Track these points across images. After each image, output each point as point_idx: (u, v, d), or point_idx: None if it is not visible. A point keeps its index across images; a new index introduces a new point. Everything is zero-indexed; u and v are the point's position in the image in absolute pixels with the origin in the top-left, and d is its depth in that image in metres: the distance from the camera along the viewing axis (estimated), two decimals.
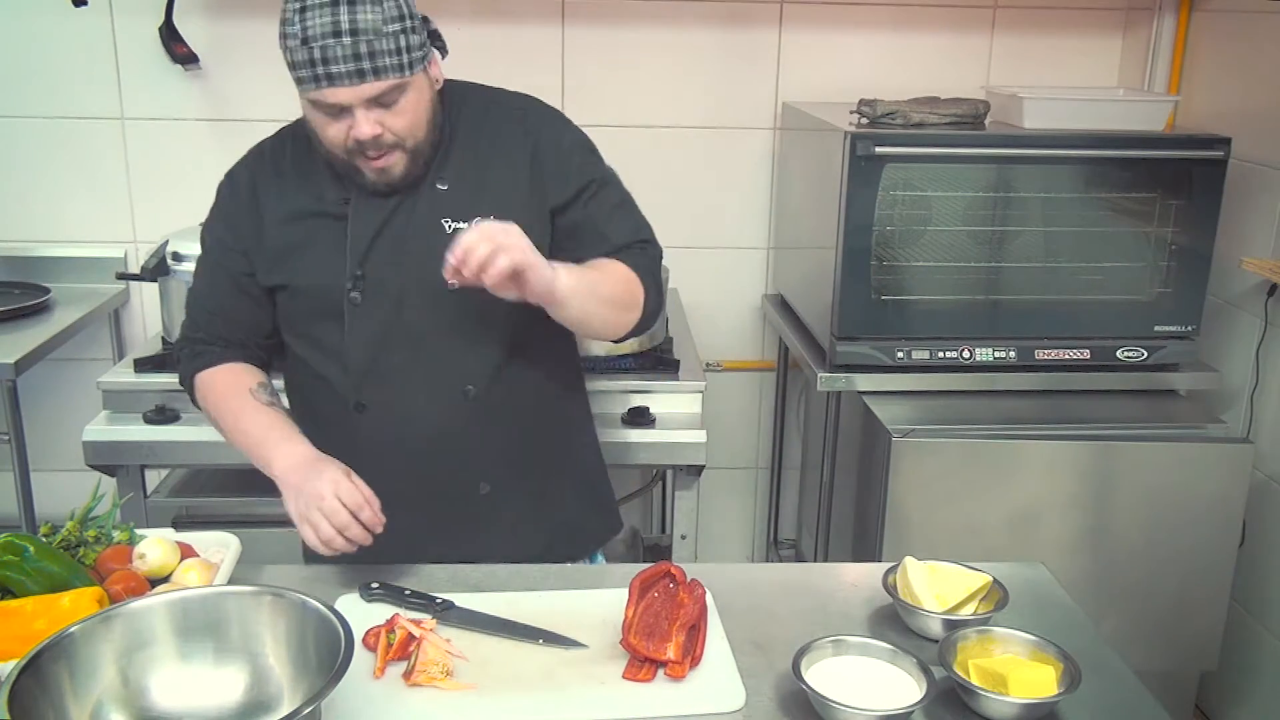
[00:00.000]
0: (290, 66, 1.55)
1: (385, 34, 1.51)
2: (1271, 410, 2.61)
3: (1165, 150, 2.55)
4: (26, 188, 3.05)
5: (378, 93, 1.54)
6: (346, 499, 1.50)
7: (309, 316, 1.72)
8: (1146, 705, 1.40)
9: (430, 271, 1.61)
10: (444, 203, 1.67)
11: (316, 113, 1.58)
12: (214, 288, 1.76)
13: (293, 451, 1.60)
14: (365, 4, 1.51)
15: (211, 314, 1.76)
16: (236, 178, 1.76)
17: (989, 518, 2.46)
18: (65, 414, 3.04)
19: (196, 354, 1.76)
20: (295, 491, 1.55)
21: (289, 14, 1.53)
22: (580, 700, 1.36)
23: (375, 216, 1.67)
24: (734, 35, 3.08)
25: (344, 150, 1.60)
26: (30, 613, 1.37)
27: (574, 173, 1.73)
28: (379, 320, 1.68)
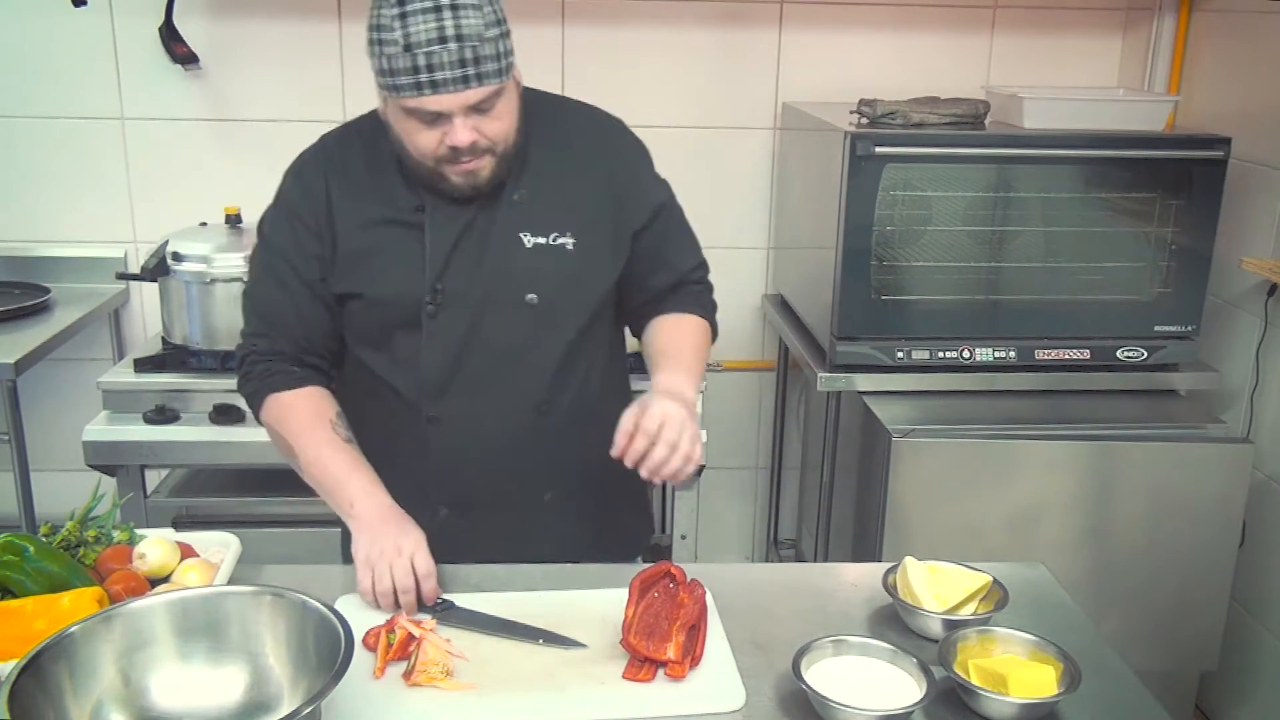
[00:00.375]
0: (384, 73, 1.49)
1: (488, 39, 1.48)
2: (1271, 410, 2.61)
3: (1165, 150, 2.55)
4: (26, 188, 3.05)
5: (480, 99, 1.50)
6: (420, 567, 1.52)
7: (383, 327, 1.68)
8: (1146, 705, 1.40)
9: (507, 286, 1.63)
10: (521, 215, 1.64)
11: (409, 120, 1.53)
12: (284, 293, 1.67)
13: (378, 500, 1.59)
14: (468, 9, 1.47)
15: (282, 322, 1.68)
16: (306, 177, 1.69)
17: (989, 518, 2.46)
18: (65, 414, 3.04)
19: (270, 372, 1.69)
20: (372, 538, 1.54)
21: (385, 19, 1.47)
22: (580, 700, 1.36)
23: (452, 227, 1.63)
24: (734, 35, 3.08)
25: (433, 157, 1.56)
26: (30, 613, 1.36)
27: (650, 195, 1.74)
28: (456, 334, 1.65)
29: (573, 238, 1.65)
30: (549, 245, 1.65)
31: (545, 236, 1.64)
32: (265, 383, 1.69)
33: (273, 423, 1.70)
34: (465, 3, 1.46)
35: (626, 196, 1.70)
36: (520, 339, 1.67)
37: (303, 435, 1.65)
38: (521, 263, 1.64)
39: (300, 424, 1.66)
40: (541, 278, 1.65)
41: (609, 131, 1.75)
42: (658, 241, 1.74)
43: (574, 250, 1.66)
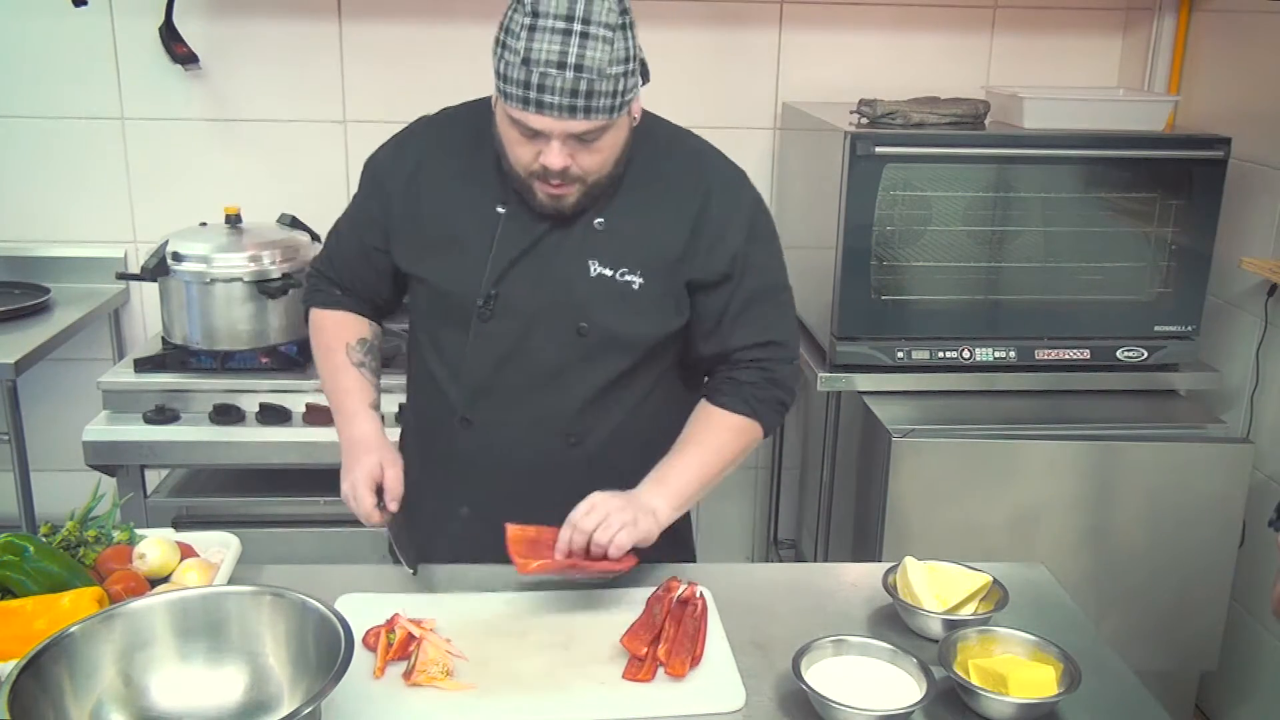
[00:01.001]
0: (499, 76, 1.48)
1: (608, 75, 1.45)
2: (1271, 410, 2.61)
3: (1165, 150, 2.55)
4: (26, 188, 3.05)
5: (583, 130, 1.48)
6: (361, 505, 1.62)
7: (437, 316, 1.69)
8: (1146, 705, 1.40)
9: (561, 309, 1.62)
10: (596, 243, 1.61)
11: (511, 127, 1.51)
12: (348, 240, 1.79)
13: (354, 428, 1.70)
14: (598, 41, 1.44)
15: (339, 260, 1.80)
16: (406, 147, 1.72)
17: (989, 518, 2.46)
18: (65, 414, 3.04)
19: (317, 289, 1.83)
20: (343, 470, 1.67)
21: (516, 25, 1.45)
22: (580, 700, 1.36)
23: (524, 237, 1.61)
24: (734, 35, 3.08)
25: (526, 169, 1.54)
26: (30, 613, 1.36)
27: (728, 254, 1.64)
28: (502, 343, 1.64)
29: (641, 278, 1.61)
30: (614, 279, 1.61)
31: (613, 270, 1.61)
32: (311, 297, 1.85)
33: (311, 336, 1.84)
34: (598, 33, 1.43)
35: (701, 247, 1.63)
36: (563, 364, 1.64)
37: (321, 353, 1.80)
38: (582, 289, 1.61)
39: (323, 342, 1.80)
40: (598, 309, 1.62)
41: (717, 178, 1.67)
42: (719, 307, 1.66)
43: (639, 291, 1.62)
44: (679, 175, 1.66)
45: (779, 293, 1.72)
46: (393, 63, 3.01)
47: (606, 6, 1.45)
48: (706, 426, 1.67)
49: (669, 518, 1.58)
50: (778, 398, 1.71)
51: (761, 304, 1.68)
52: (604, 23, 1.44)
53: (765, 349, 1.69)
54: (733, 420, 1.67)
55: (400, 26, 3.00)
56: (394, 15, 2.98)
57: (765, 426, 1.71)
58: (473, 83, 1.78)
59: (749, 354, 1.69)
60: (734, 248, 1.65)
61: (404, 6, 2.98)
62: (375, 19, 2.99)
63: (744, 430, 1.68)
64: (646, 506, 1.56)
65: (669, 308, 1.65)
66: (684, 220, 1.63)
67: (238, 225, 2.73)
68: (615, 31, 1.46)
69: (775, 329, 1.70)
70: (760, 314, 1.68)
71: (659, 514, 1.57)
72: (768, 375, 1.69)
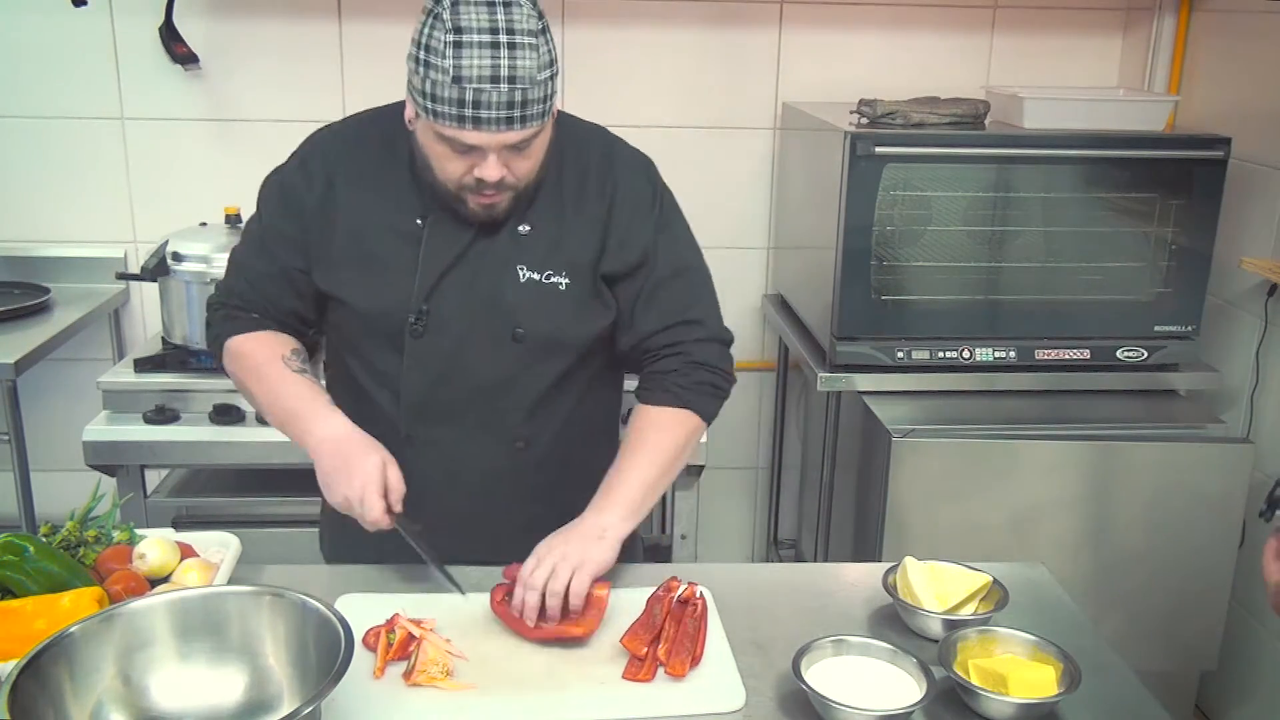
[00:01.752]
0: (425, 95, 1.45)
1: (538, 82, 1.44)
2: (1271, 410, 2.61)
3: (1165, 150, 2.55)
4: (26, 188, 3.05)
5: (518, 140, 1.47)
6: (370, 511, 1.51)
7: (364, 337, 1.66)
8: (1146, 705, 1.40)
9: (495, 317, 1.60)
10: (521, 248, 1.60)
11: (440, 144, 1.49)
12: (260, 264, 1.67)
13: (328, 427, 1.57)
14: (525, 49, 1.42)
15: (251, 286, 1.68)
16: (315, 161, 1.65)
17: (989, 518, 2.46)
18: (65, 414, 3.04)
19: (231, 318, 1.69)
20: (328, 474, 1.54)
21: (436, 42, 1.42)
22: (580, 700, 1.36)
23: (449, 249, 1.59)
24: (734, 35, 3.08)
25: (456, 183, 1.52)
26: (30, 613, 1.36)
27: (637, 246, 1.64)
28: (438, 358, 1.62)
29: (566, 278, 1.61)
30: (542, 283, 1.61)
31: (540, 273, 1.60)
32: (223, 328, 1.70)
33: (232, 367, 1.70)
34: (522, 41, 1.42)
35: (613, 243, 1.63)
36: (503, 373, 1.63)
37: (256, 373, 1.65)
38: (513, 296, 1.60)
39: (254, 363, 1.66)
40: (531, 314, 1.61)
41: (624, 172, 1.67)
42: (631, 296, 1.65)
43: (565, 291, 1.61)
44: (590, 172, 1.65)
45: (689, 273, 1.70)
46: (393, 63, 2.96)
47: (525, 13, 1.44)
48: (641, 429, 1.65)
49: (622, 531, 1.56)
50: (707, 380, 1.67)
51: (670, 286, 1.66)
52: (526, 29, 1.43)
53: (677, 330, 1.66)
54: (664, 415, 1.65)
55: (400, 26, 2.99)
56: (394, 15, 2.98)
57: (701, 414, 1.67)
58: None
59: (662, 338, 1.66)
60: (644, 239, 1.65)
61: (404, 6, 2.98)
62: (375, 19, 2.99)
63: (678, 423, 1.65)
64: (593, 531, 1.54)
65: (596, 305, 1.65)
66: (597, 217, 1.63)
67: (238, 225, 2.73)
68: (539, 37, 1.44)
69: (688, 309, 1.67)
70: (669, 296, 1.66)
71: (609, 532, 1.54)
72: (688, 359, 1.66)
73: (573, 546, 1.51)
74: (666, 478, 1.64)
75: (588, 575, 1.49)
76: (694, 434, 1.67)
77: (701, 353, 1.67)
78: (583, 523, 1.57)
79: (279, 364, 1.64)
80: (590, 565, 1.50)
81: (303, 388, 1.62)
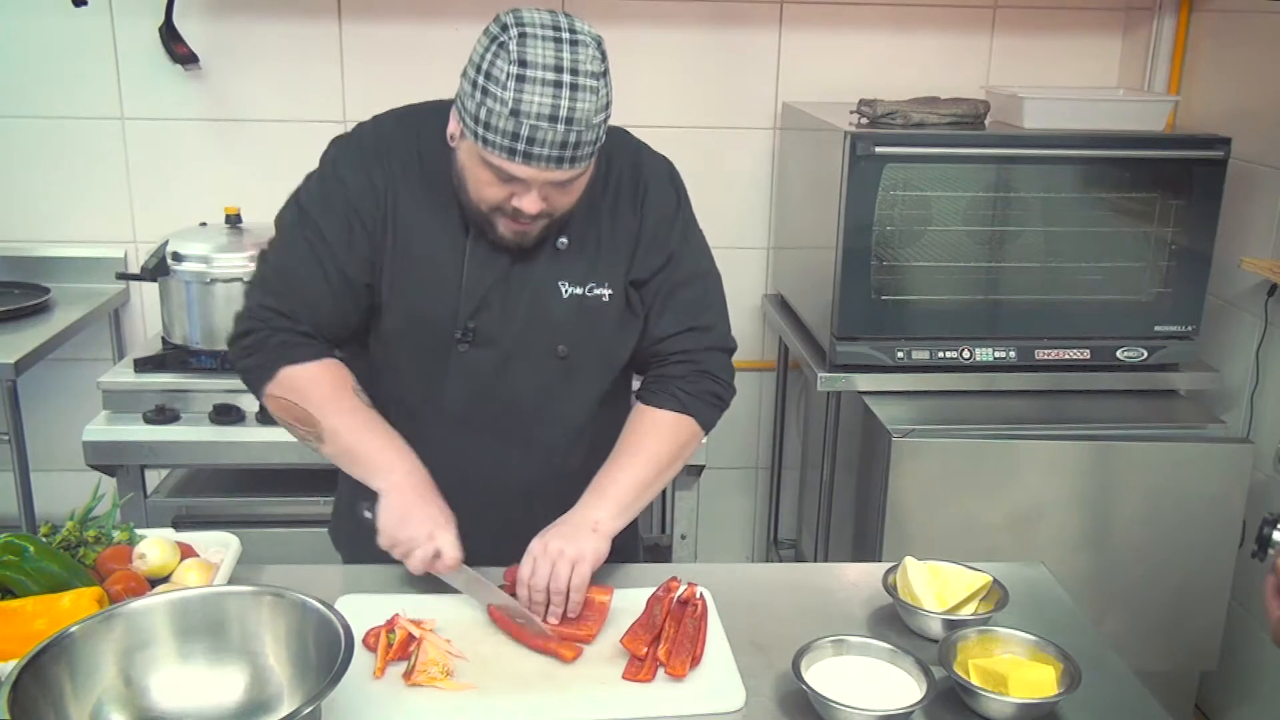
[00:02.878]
0: (478, 121, 1.41)
1: (593, 124, 1.42)
2: (1271, 410, 2.61)
3: (1165, 150, 2.55)
4: (26, 188, 3.05)
5: (566, 179, 1.46)
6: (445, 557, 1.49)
7: (410, 348, 1.63)
8: (1146, 705, 1.40)
9: (541, 333, 1.60)
10: (562, 264, 1.60)
11: (484, 170, 1.46)
12: (321, 278, 1.57)
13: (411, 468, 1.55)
14: (585, 91, 1.40)
15: (312, 304, 1.58)
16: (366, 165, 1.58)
17: (989, 518, 2.46)
18: (65, 414, 3.04)
19: (287, 344, 1.58)
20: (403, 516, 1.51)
21: (500, 73, 1.39)
22: (580, 700, 1.36)
23: (493, 266, 1.58)
24: (734, 35, 3.08)
25: (490, 206, 1.50)
26: (30, 613, 1.36)
27: (660, 251, 1.65)
28: (484, 372, 1.61)
29: (608, 289, 1.61)
30: (586, 296, 1.60)
31: (582, 287, 1.60)
32: (280, 354, 1.58)
33: (287, 394, 1.58)
34: (584, 83, 1.40)
35: (642, 249, 1.64)
36: (546, 388, 1.63)
37: (326, 404, 1.57)
38: (557, 313, 1.60)
39: (323, 394, 1.58)
40: (574, 330, 1.61)
41: (652, 178, 1.66)
42: (649, 300, 1.66)
43: (609, 302, 1.61)
44: (623, 183, 1.65)
45: (704, 279, 1.70)
46: (393, 63, 3.01)
47: (590, 54, 1.42)
48: (639, 428, 1.65)
49: (613, 527, 1.56)
50: (710, 390, 1.68)
51: (686, 291, 1.67)
52: (590, 71, 1.41)
53: (689, 336, 1.67)
54: (665, 418, 1.65)
55: (400, 26, 3.00)
56: (394, 15, 2.98)
57: (701, 422, 1.68)
58: None
59: (673, 344, 1.67)
60: (669, 245, 1.65)
61: (404, 6, 2.98)
62: (375, 19, 2.99)
63: (678, 428, 1.65)
64: (585, 524, 1.54)
65: (630, 316, 1.65)
66: (630, 226, 1.63)
67: (238, 225, 2.73)
68: (599, 79, 1.43)
69: (700, 314, 1.68)
70: (684, 300, 1.67)
71: (600, 525, 1.54)
72: (696, 367, 1.67)
73: (566, 542, 1.51)
74: (660, 481, 1.64)
75: (587, 568, 1.50)
76: (692, 441, 1.68)
77: (709, 361, 1.68)
78: (572, 517, 1.56)
79: (350, 396, 1.59)
80: (588, 558, 1.50)
81: (378, 424, 1.59)
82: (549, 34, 1.40)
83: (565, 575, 1.48)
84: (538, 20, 1.41)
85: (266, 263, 1.63)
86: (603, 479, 1.61)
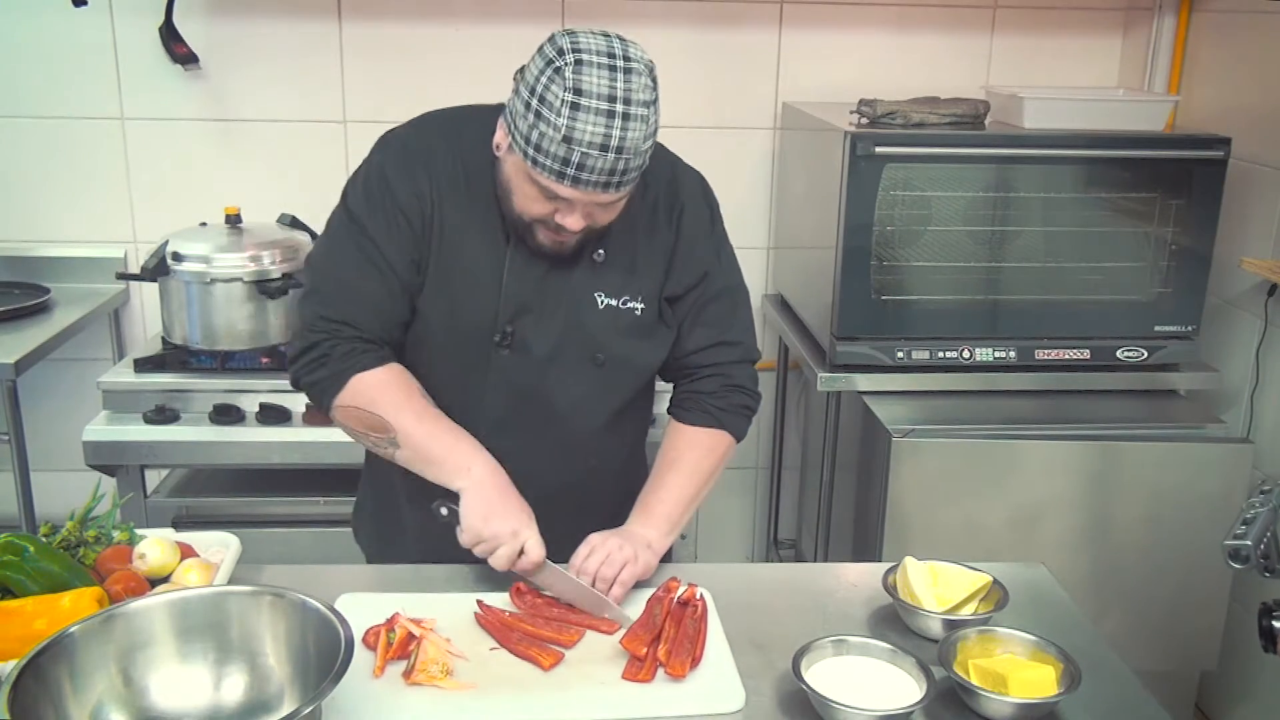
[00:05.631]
0: (529, 143, 1.42)
1: (641, 152, 1.44)
2: (1271, 410, 2.61)
3: (1165, 150, 2.55)
4: (26, 188, 3.05)
5: (611, 201, 1.49)
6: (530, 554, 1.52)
7: (450, 352, 1.65)
8: (1146, 705, 1.40)
9: (578, 341, 1.62)
10: (598, 274, 1.62)
11: (530, 186, 1.47)
12: (379, 282, 1.58)
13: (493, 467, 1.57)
14: (637, 120, 1.41)
15: (373, 308, 1.59)
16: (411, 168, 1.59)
17: (989, 518, 2.46)
18: (65, 414, 3.04)
19: (356, 351, 1.58)
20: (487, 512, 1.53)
21: (555, 99, 1.39)
22: (580, 700, 1.36)
23: (531, 275, 1.60)
24: (734, 35, 3.08)
25: (531, 216, 1.52)
26: (30, 613, 1.36)
27: (695, 265, 1.67)
28: (522, 377, 1.63)
29: (642, 303, 1.64)
30: (619, 309, 1.63)
31: (617, 299, 1.62)
32: (351, 362, 1.58)
33: (359, 403, 1.58)
34: (636, 113, 1.41)
35: (677, 265, 1.66)
36: (582, 395, 1.66)
37: (401, 408, 1.57)
38: (593, 322, 1.62)
39: (395, 398, 1.58)
40: (610, 339, 1.63)
41: (687, 194, 1.69)
42: (682, 315, 1.69)
43: (641, 316, 1.64)
44: (660, 199, 1.67)
45: (733, 293, 1.73)
46: (393, 63, 3.00)
47: (643, 82, 1.42)
48: (679, 447, 1.71)
49: (664, 546, 1.64)
50: (741, 403, 1.75)
51: (716, 305, 1.71)
52: (642, 100, 1.42)
53: (718, 350, 1.72)
54: (701, 436, 1.71)
55: (400, 26, 3.00)
56: (394, 15, 2.98)
57: (734, 434, 1.75)
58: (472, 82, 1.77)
59: (702, 357, 1.71)
60: (704, 261, 1.68)
61: (404, 6, 2.98)
62: (375, 19, 2.99)
63: (715, 443, 1.72)
64: (642, 541, 1.61)
65: (663, 329, 1.69)
66: (666, 244, 1.66)
67: (238, 225, 2.73)
68: (650, 108, 1.44)
69: (729, 329, 1.72)
70: (714, 314, 1.71)
71: (653, 545, 1.62)
72: (726, 381, 1.73)
73: (625, 540, 1.58)
74: (699, 497, 1.71)
75: (636, 571, 1.56)
76: (727, 453, 1.75)
77: (738, 375, 1.74)
78: (629, 530, 1.62)
79: (420, 398, 1.60)
80: (641, 562, 1.57)
81: (449, 424, 1.60)
82: (604, 61, 1.41)
83: (617, 565, 1.55)
84: (594, 46, 1.42)
85: (318, 273, 1.64)
86: (649, 498, 1.66)
